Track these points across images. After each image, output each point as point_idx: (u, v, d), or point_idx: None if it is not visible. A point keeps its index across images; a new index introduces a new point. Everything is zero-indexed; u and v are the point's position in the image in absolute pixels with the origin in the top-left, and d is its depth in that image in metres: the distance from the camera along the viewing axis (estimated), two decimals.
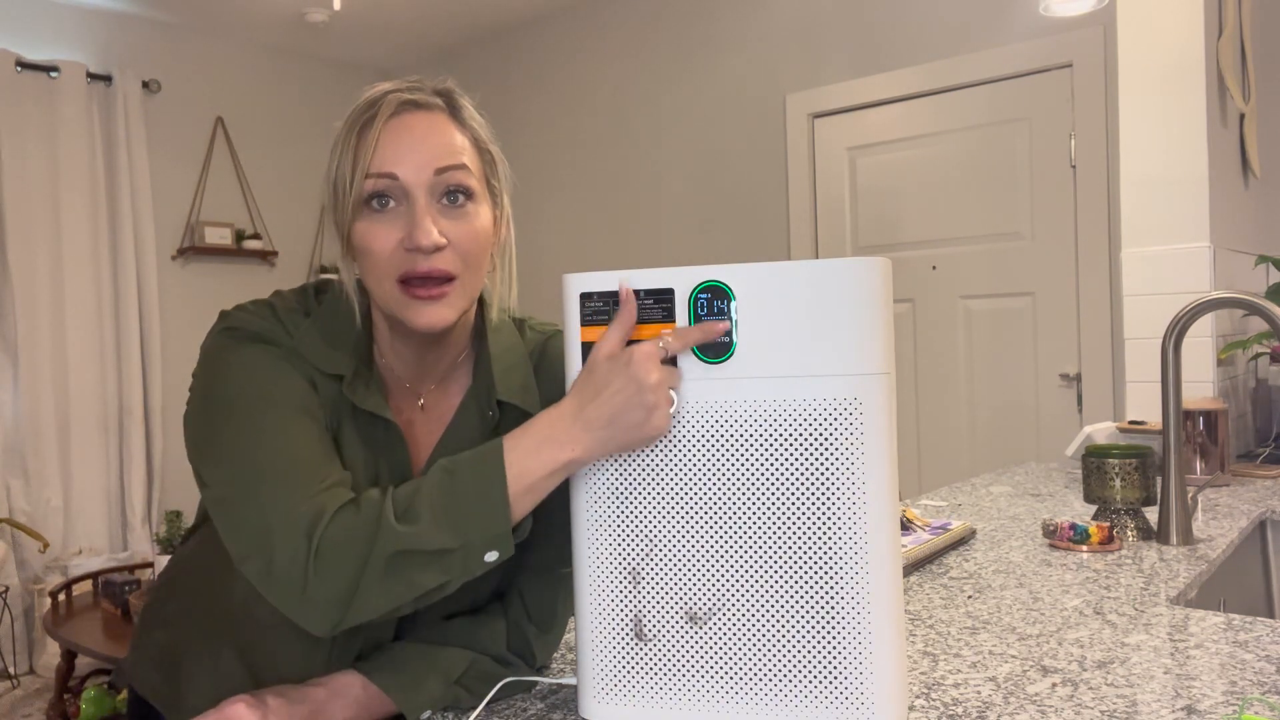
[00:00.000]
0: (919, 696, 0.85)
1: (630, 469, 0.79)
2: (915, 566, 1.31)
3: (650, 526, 0.78)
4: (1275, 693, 0.82)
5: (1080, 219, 3.05)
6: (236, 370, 0.83)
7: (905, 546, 1.32)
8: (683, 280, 0.78)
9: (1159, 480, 1.45)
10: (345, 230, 0.85)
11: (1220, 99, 2.29)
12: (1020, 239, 3.19)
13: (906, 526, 1.44)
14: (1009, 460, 3.12)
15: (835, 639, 0.74)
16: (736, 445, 0.76)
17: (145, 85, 4.26)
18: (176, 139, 4.41)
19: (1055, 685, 0.86)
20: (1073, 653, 0.95)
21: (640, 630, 0.79)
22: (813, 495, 0.74)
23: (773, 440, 0.75)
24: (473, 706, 0.87)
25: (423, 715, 0.85)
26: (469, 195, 0.85)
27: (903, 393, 3.46)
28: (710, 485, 0.77)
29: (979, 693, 0.85)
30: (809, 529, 0.74)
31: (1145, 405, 2.22)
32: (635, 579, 0.79)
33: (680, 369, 0.78)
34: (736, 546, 0.76)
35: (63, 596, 3.24)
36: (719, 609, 0.77)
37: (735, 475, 0.76)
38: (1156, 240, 2.23)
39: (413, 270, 0.82)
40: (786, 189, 3.71)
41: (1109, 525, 1.40)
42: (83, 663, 3.16)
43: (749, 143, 3.81)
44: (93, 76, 4.10)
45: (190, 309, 4.41)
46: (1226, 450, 1.93)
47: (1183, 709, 0.79)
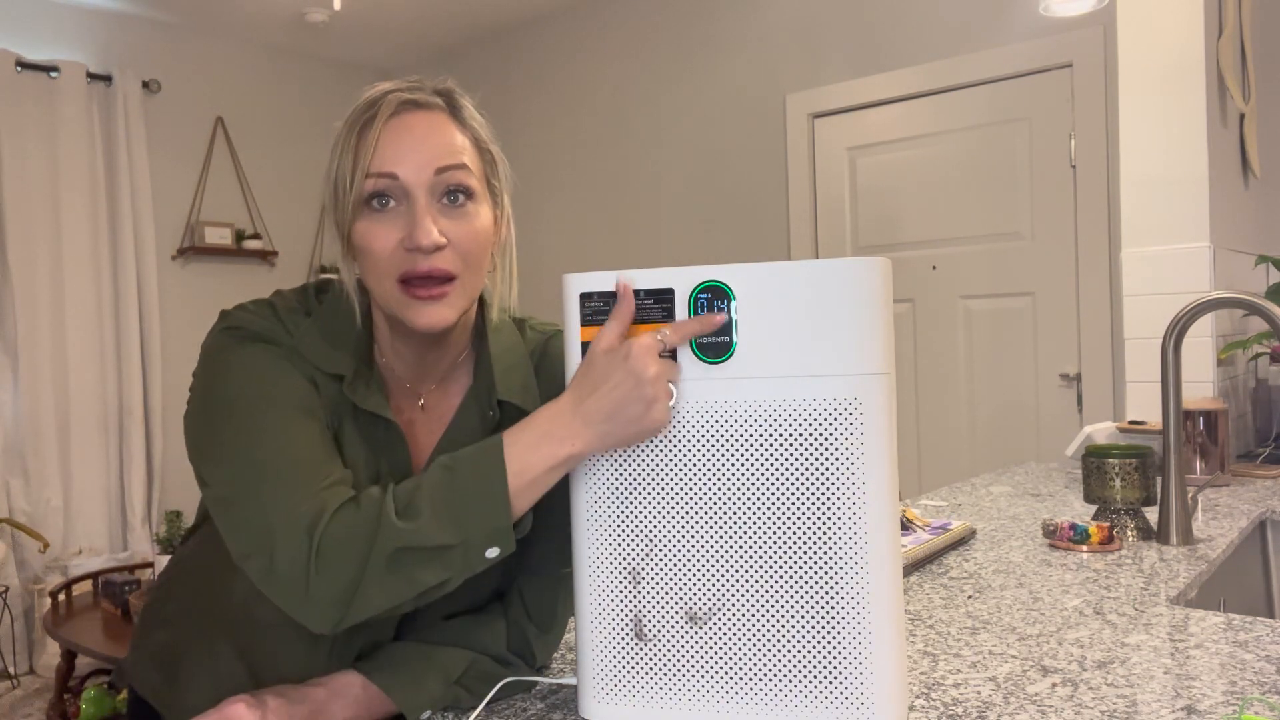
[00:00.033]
0: (919, 696, 0.85)
1: (630, 469, 0.79)
2: (915, 566, 1.31)
3: (650, 526, 0.78)
4: (1275, 693, 0.82)
5: (1080, 219, 3.05)
6: (237, 370, 0.83)
7: (905, 546, 1.32)
8: (683, 280, 0.78)
9: (1159, 480, 1.45)
10: (345, 230, 0.85)
11: (1220, 99, 2.29)
12: (1020, 239, 3.19)
13: (906, 526, 1.44)
14: (1009, 460, 3.12)
15: (835, 639, 0.74)
16: (736, 445, 0.76)
17: (145, 85, 4.26)
18: (176, 139, 4.41)
19: (1055, 685, 0.86)
20: (1073, 653, 0.95)
21: (640, 630, 0.79)
22: (813, 495, 0.74)
23: (773, 440, 0.75)
24: (473, 706, 0.87)
25: (423, 715, 0.85)
26: (469, 195, 0.85)
27: (903, 393, 3.46)
28: (710, 485, 0.77)
29: (979, 693, 0.85)
30: (809, 529, 0.74)
31: (1145, 405, 2.22)
32: (635, 579, 0.79)
33: (680, 364, 0.78)
34: (736, 546, 0.76)
35: (63, 596, 3.24)
36: (719, 609, 0.77)
37: (735, 475, 0.76)
38: (1156, 240, 2.23)
39: (413, 270, 0.82)
40: (786, 189, 3.71)
41: (1109, 525, 1.40)
42: (83, 663, 3.16)
43: (749, 143, 3.81)
44: (93, 76, 4.10)
45: (190, 309, 4.41)
46: (1226, 450, 1.93)
47: (1183, 709, 0.79)
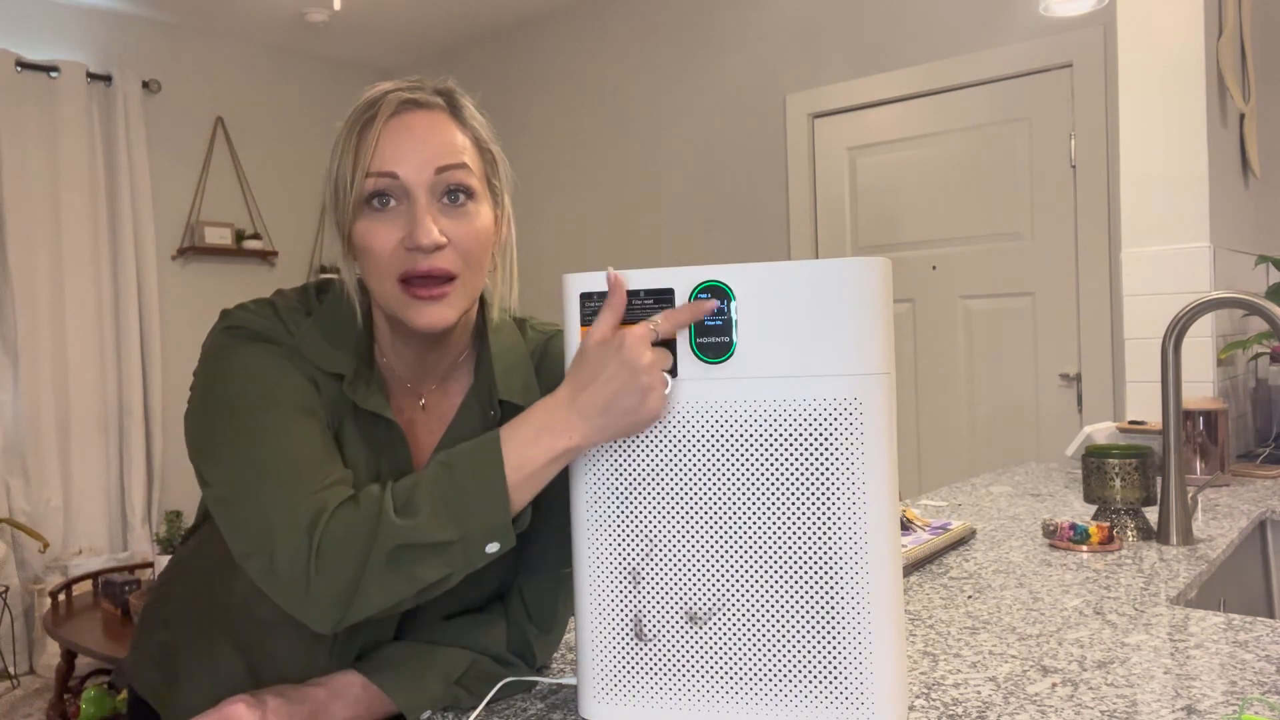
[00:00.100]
0: (919, 696, 0.85)
1: (630, 469, 0.79)
2: (915, 566, 1.31)
3: (650, 526, 0.78)
4: (1275, 693, 0.82)
5: (1080, 219, 3.05)
6: (238, 369, 0.83)
7: (905, 546, 1.32)
8: (683, 280, 0.78)
9: (1159, 480, 1.45)
10: (346, 229, 0.85)
11: (1220, 99, 2.29)
12: (1020, 239, 3.19)
13: (906, 526, 1.44)
14: (1009, 460, 3.12)
15: (835, 639, 0.74)
16: (736, 445, 0.76)
17: (145, 85, 4.26)
18: (176, 139, 4.41)
19: (1055, 685, 0.86)
20: (1073, 653, 0.95)
21: (640, 630, 0.79)
22: (813, 495, 0.74)
23: (773, 440, 0.75)
24: (473, 706, 0.87)
25: (423, 715, 0.85)
26: (469, 194, 0.85)
27: (903, 393, 3.46)
28: (710, 485, 0.77)
29: (979, 693, 0.85)
30: (809, 529, 0.74)
31: (1145, 405, 2.22)
32: (635, 579, 0.79)
33: (675, 355, 0.77)
34: (736, 546, 0.76)
35: (63, 596, 3.24)
36: (719, 609, 0.77)
37: (735, 475, 0.76)
38: (1156, 240, 2.23)
39: (413, 269, 0.82)
40: (786, 189, 3.71)
41: (1109, 525, 1.40)
42: (83, 663, 3.16)
43: (749, 143, 3.81)
44: (93, 76, 4.10)
45: (190, 309, 4.41)
46: (1226, 450, 1.93)
47: (1183, 709, 0.79)
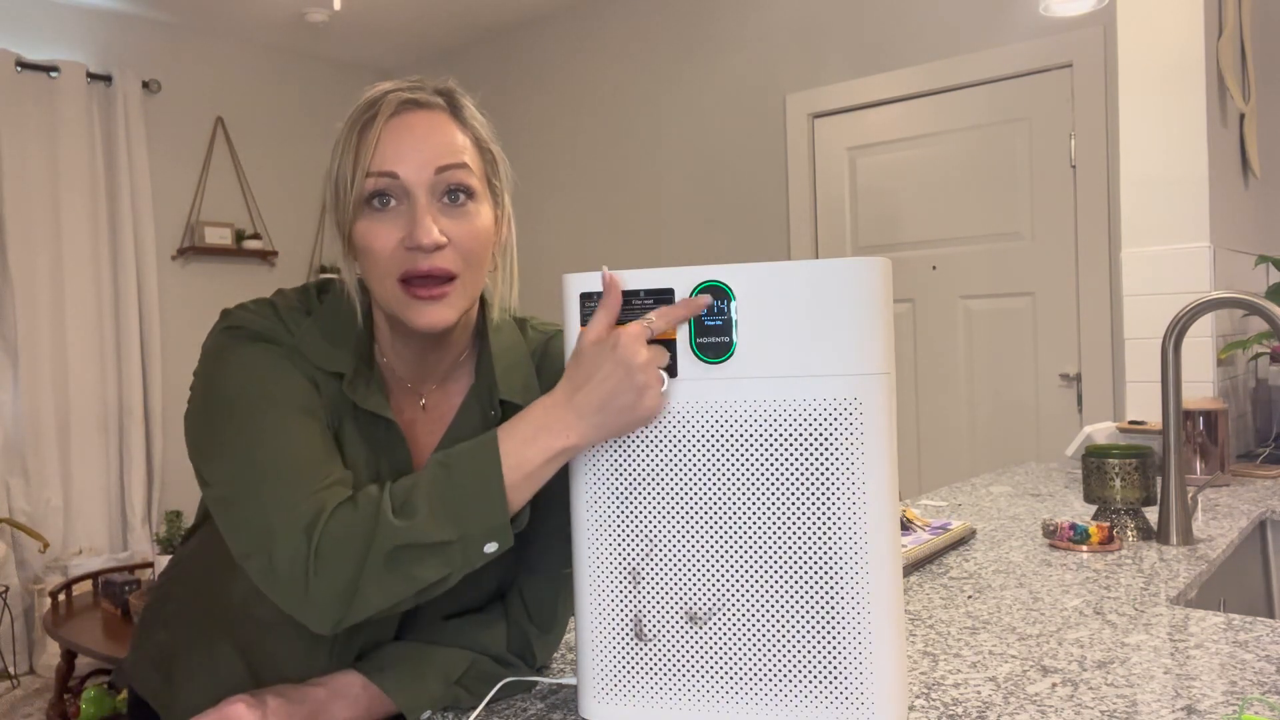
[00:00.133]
0: (919, 696, 0.85)
1: (630, 469, 0.79)
2: (915, 566, 1.31)
3: (650, 526, 0.78)
4: (1275, 693, 0.82)
5: (1080, 219, 3.05)
6: (237, 369, 0.83)
7: (905, 546, 1.32)
8: (683, 280, 0.78)
9: (1159, 480, 1.45)
10: (346, 229, 0.85)
11: (1220, 99, 2.29)
12: (1020, 239, 3.19)
13: (906, 526, 1.44)
14: (1009, 460, 3.12)
15: (835, 639, 0.74)
16: (736, 445, 0.76)
17: (145, 85, 4.26)
18: (176, 139, 4.41)
19: (1055, 685, 0.86)
20: (1073, 653, 0.95)
21: (640, 630, 0.79)
22: (813, 495, 0.74)
23: (773, 440, 0.75)
24: (473, 706, 0.87)
25: (423, 715, 0.85)
26: (470, 194, 0.85)
27: (903, 393, 3.46)
28: (710, 485, 0.77)
29: (979, 693, 0.85)
30: (809, 529, 0.74)
31: (1145, 405, 2.22)
32: (635, 579, 0.79)
33: (678, 360, 0.77)
34: (736, 546, 0.76)
35: (63, 596, 3.24)
36: (719, 609, 0.77)
37: (735, 475, 0.76)
38: (1156, 240, 2.23)
39: (414, 269, 0.82)
40: (786, 189, 3.71)
41: (1109, 525, 1.40)
42: (83, 663, 3.16)
43: (749, 143, 3.81)
44: (93, 76, 4.10)
45: (190, 309, 4.41)
46: (1226, 450, 1.93)
47: (1183, 709, 0.79)
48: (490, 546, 0.78)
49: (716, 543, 0.77)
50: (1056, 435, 3.11)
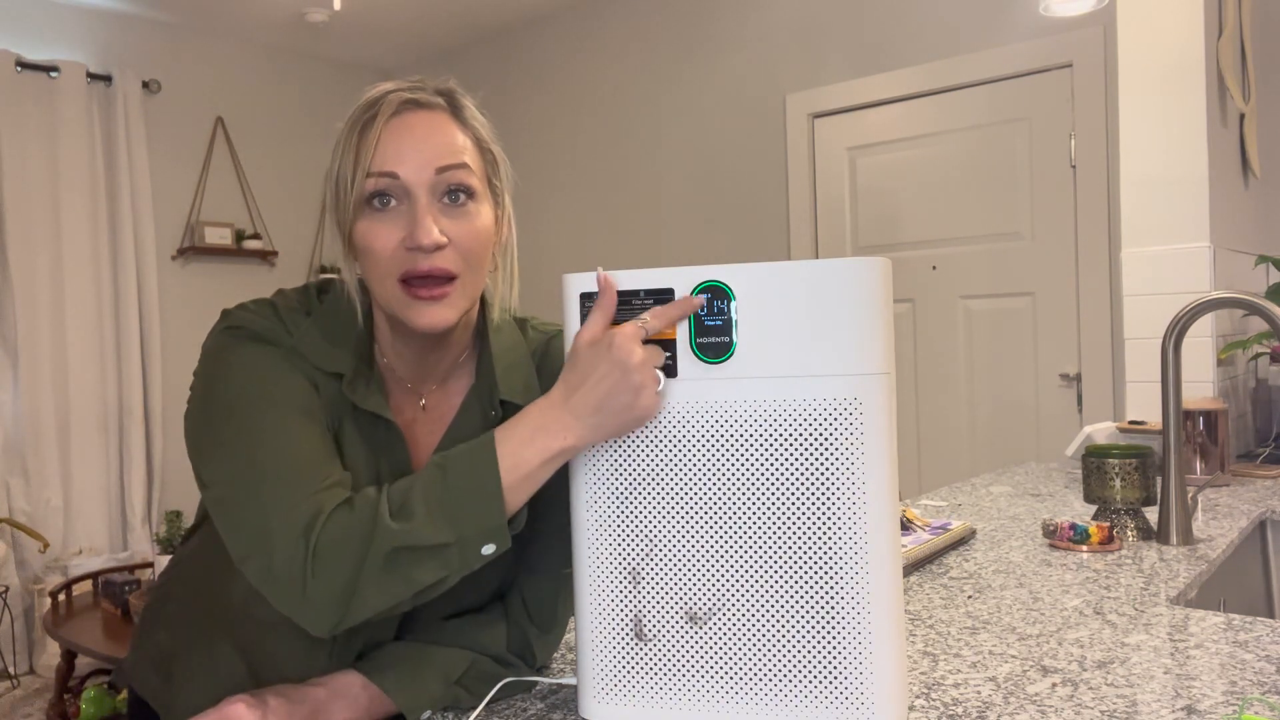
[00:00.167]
0: (919, 696, 0.85)
1: (630, 469, 0.79)
2: (915, 566, 1.31)
3: (650, 526, 0.78)
4: (1275, 693, 0.82)
5: (1080, 219, 3.05)
6: (237, 370, 0.83)
7: (905, 546, 1.32)
8: (682, 280, 0.78)
9: (1159, 480, 1.45)
10: (347, 229, 0.85)
11: (1220, 99, 2.29)
12: (1020, 239, 3.19)
13: (906, 526, 1.44)
14: (1009, 460, 3.12)
15: (835, 639, 0.74)
16: (736, 445, 0.76)
17: (145, 85, 4.26)
18: (176, 139, 4.41)
19: (1055, 685, 0.86)
20: (1073, 653, 0.95)
21: (640, 630, 0.79)
22: (813, 495, 0.74)
23: (773, 440, 0.75)
24: (473, 706, 0.87)
25: (423, 715, 0.85)
26: (470, 194, 0.85)
27: (903, 393, 3.46)
28: (710, 485, 0.77)
29: (979, 693, 0.85)
30: (809, 529, 0.74)
31: (1145, 405, 2.22)
32: (635, 579, 0.79)
33: (678, 360, 0.77)
34: (736, 546, 0.76)
35: (63, 596, 3.24)
36: (719, 609, 0.77)
37: (735, 475, 0.76)
38: (1156, 240, 2.23)
39: (414, 269, 0.82)
40: (786, 189, 3.71)
41: (1109, 525, 1.40)
42: (83, 663, 3.16)
43: (749, 143, 3.81)
44: (93, 76, 4.10)
45: (190, 309, 4.41)
46: (1226, 450, 1.93)
47: (1183, 709, 0.79)
48: (488, 548, 0.78)
49: (716, 543, 0.77)
50: (1056, 435, 3.11)
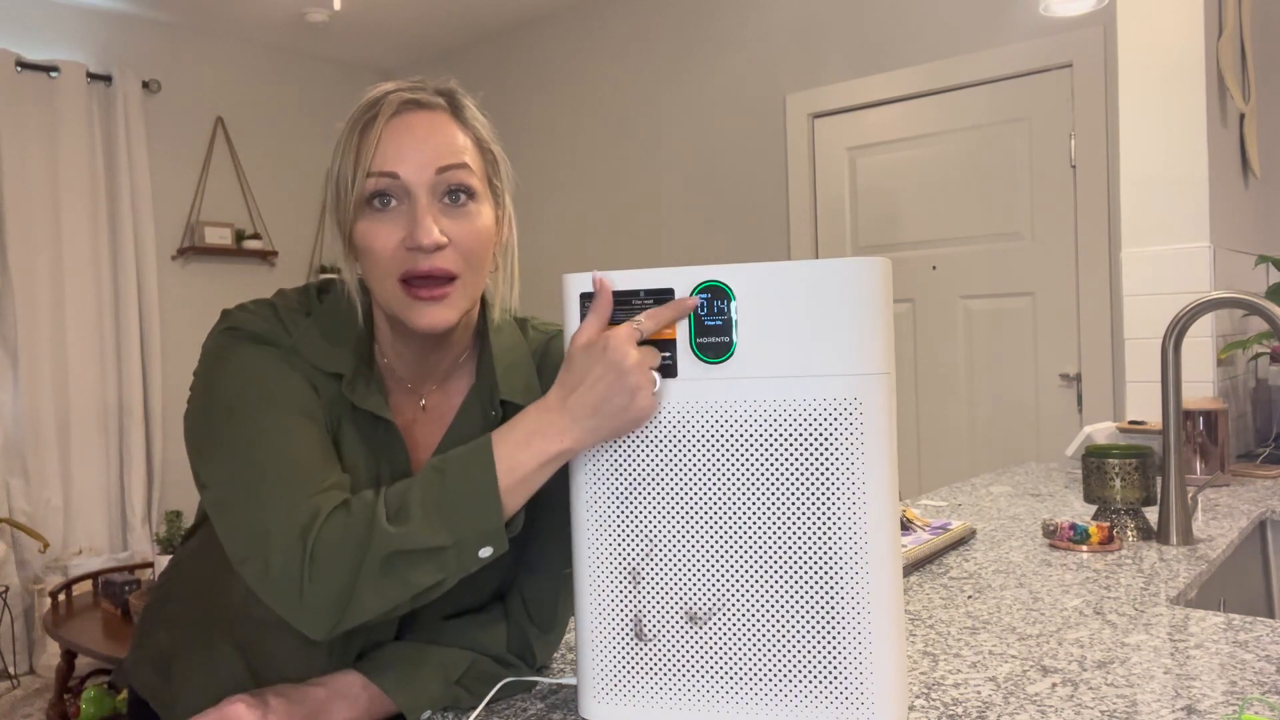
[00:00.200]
0: (919, 696, 0.85)
1: (630, 469, 0.79)
2: (915, 566, 1.31)
3: (650, 526, 0.78)
4: (1275, 693, 0.82)
5: (1080, 219, 3.05)
6: (237, 371, 0.83)
7: (905, 546, 1.32)
8: (682, 280, 0.78)
9: (1159, 480, 1.45)
10: (347, 229, 0.85)
11: (1220, 99, 2.29)
12: (1020, 239, 3.19)
13: (906, 526, 1.44)
14: (1009, 460, 3.12)
15: (835, 639, 0.74)
16: (736, 445, 0.76)
17: (145, 85, 4.26)
18: (176, 139, 4.41)
19: (1055, 685, 0.86)
20: (1073, 653, 0.95)
21: (640, 630, 0.79)
22: (813, 495, 0.74)
23: (773, 440, 0.75)
24: (473, 706, 0.87)
25: (423, 715, 0.85)
26: (470, 195, 0.85)
27: (903, 393, 3.46)
28: (710, 485, 0.77)
29: (979, 693, 0.85)
30: (809, 529, 0.74)
31: (1145, 405, 2.22)
32: (635, 579, 0.79)
33: (678, 360, 0.77)
34: (736, 546, 0.76)
35: (63, 596, 3.24)
36: (719, 609, 0.77)
37: (735, 475, 0.76)
38: (1156, 240, 2.23)
39: (414, 269, 0.82)
40: (786, 189, 3.71)
41: (1109, 525, 1.40)
42: (83, 663, 3.16)
43: (749, 143, 3.81)
44: (93, 76, 4.10)
45: (190, 309, 4.41)
46: (1226, 450, 1.93)
47: (1183, 709, 0.79)
48: (485, 551, 0.78)
49: (716, 543, 0.77)
50: (1056, 435, 3.11)
